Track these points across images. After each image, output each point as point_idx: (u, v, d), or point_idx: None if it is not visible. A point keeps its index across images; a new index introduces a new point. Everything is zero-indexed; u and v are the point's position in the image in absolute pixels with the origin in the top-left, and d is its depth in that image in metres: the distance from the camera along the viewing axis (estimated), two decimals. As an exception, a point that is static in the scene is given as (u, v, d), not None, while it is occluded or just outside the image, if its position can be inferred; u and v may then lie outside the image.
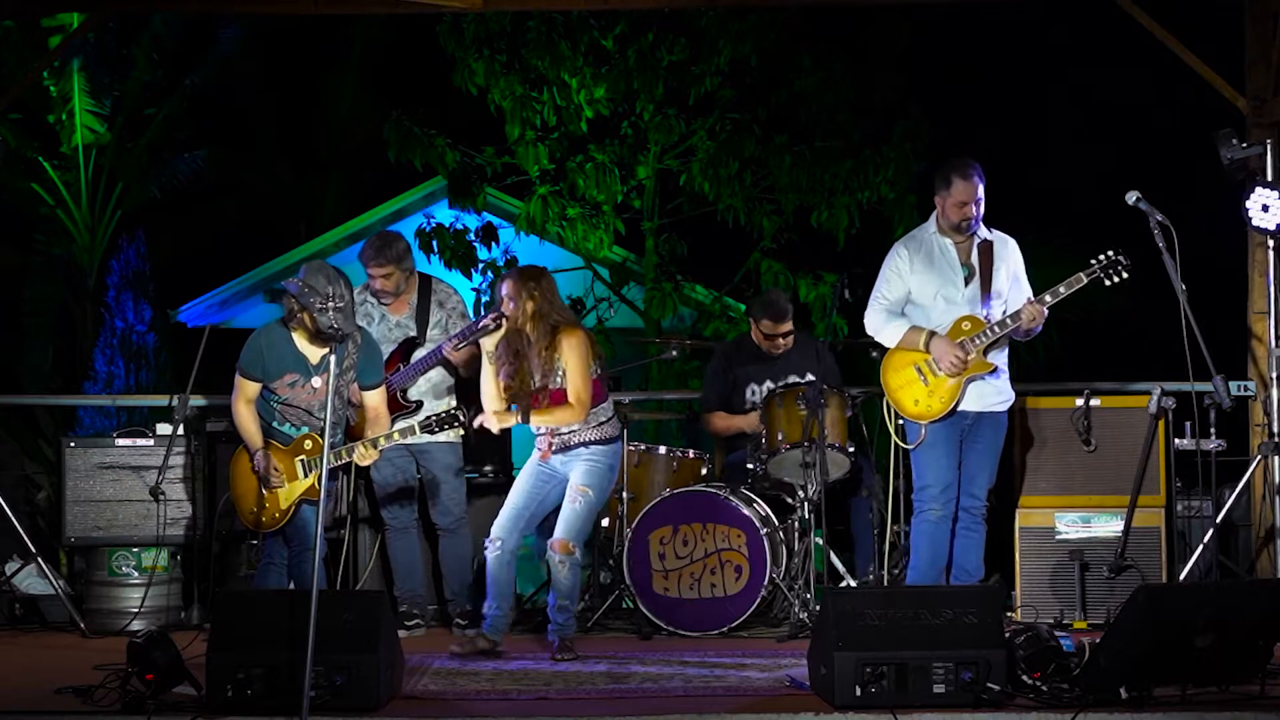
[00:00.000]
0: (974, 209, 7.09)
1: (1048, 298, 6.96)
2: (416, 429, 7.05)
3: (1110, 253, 6.94)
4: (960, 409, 7.06)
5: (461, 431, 7.64)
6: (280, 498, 7.09)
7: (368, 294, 7.79)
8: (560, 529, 6.93)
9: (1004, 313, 7.08)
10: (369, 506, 7.98)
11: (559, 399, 6.91)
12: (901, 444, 7.19)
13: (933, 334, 7.06)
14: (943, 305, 7.11)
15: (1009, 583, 7.84)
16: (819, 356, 8.19)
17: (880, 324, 7.20)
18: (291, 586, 7.06)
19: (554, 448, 7.00)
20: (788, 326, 8.32)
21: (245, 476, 7.20)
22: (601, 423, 7.00)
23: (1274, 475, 7.99)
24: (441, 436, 7.64)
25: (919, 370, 7.08)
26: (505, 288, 6.99)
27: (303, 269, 6.94)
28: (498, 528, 7.00)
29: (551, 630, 6.98)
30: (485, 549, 7.01)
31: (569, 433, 6.98)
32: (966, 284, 7.12)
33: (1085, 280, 6.92)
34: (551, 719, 5.60)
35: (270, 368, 7.11)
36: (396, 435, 7.08)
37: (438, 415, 7.03)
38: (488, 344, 7.02)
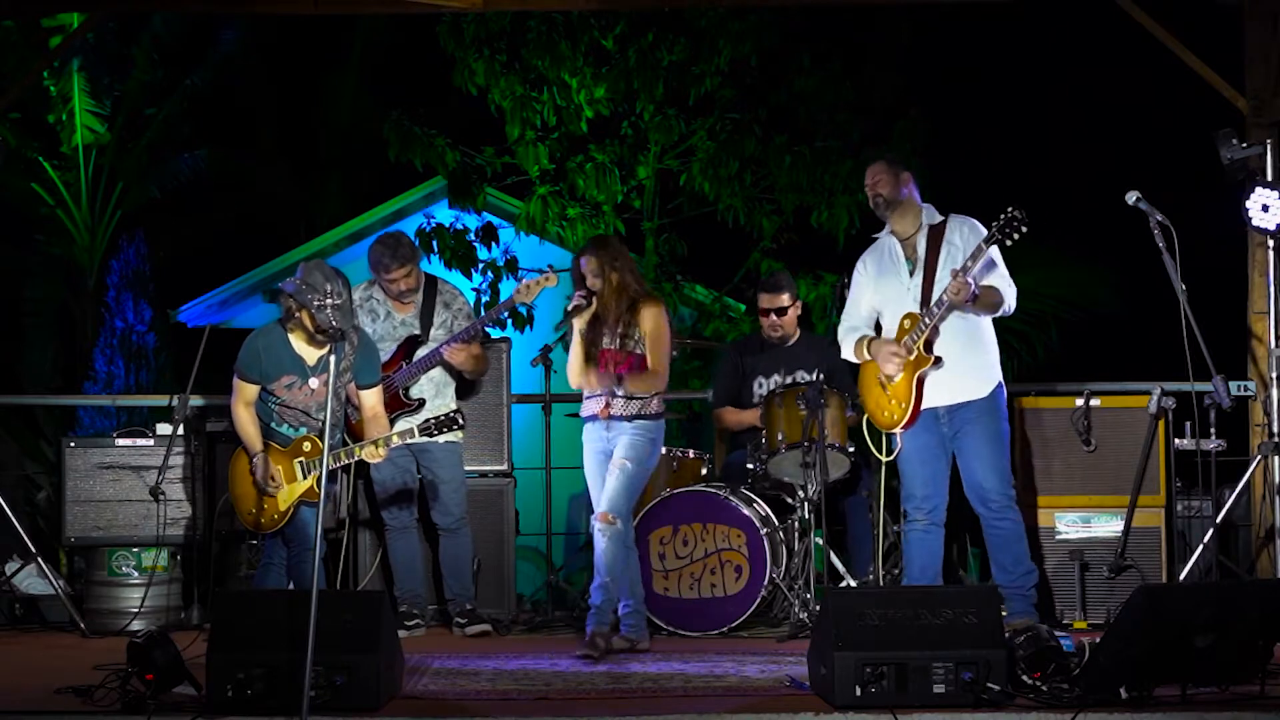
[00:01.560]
0: (872, 191, 7.06)
1: (960, 272, 6.71)
2: (416, 432, 7.05)
3: (1007, 211, 6.64)
4: (927, 407, 6.94)
5: (461, 433, 7.66)
6: (279, 500, 7.09)
7: (372, 291, 7.79)
8: (602, 501, 6.98)
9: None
10: (369, 507, 7.98)
11: (630, 364, 7.00)
12: (882, 456, 7.10)
13: (871, 340, 7.03)
14: (894, 305, 7.03)
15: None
16: (826, 354, 8.17)
17: (841, 343, 7.22)
18: (291, 587, 7.06)
19: (611, 409, 7.02)
20: (784, 301, 8.35)
21: (244, 478, 7.20)
22: (647, 398, 7.05)
23: (1274, 475, 7.99)
24: (442, 437, 7.65)
25: (880, 381, 7.02)
26: (587, 264, 7.05)
27: (300, 268, 6.94)
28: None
29: (590, 617, 6.98)
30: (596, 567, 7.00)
31: (622, 401, 7.01)
32: (911, 277, 7.01)
33: (986, 248, 6.70)
34: (551, 719, 5.60)
35: (268, 369, 7.11)
36: (396, 438, 7.08)
37: (436, 419, 7.03)
38: (579, 322, 7.06)
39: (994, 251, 6.93)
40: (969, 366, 6.98)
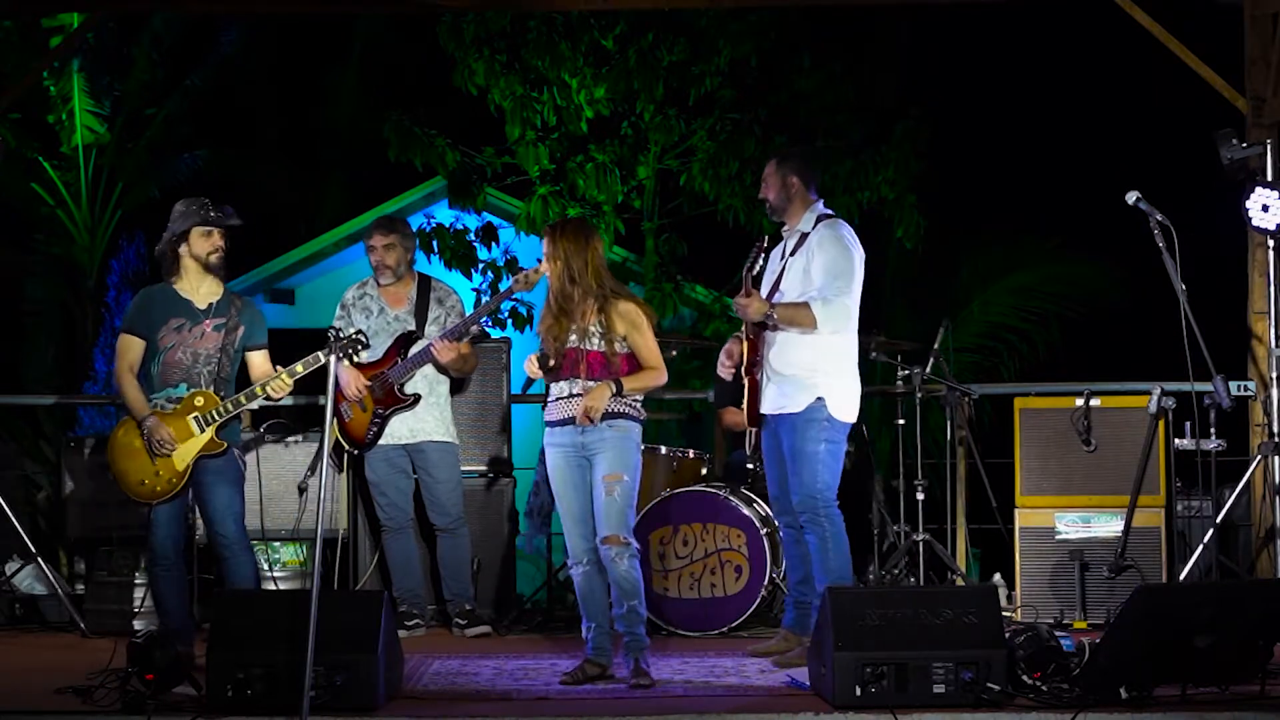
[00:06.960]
0: (763, 194, 6.94)
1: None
2: (321, 357, 6.62)
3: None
4: (762, 411, 6.78)
5: (455, 432, 7.68)
6: (175, 460, 6.73)
7: (365, 289, 7.80)
8: (605, 525, 6.21)
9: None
10: (365, 506, 7.97)
11: (603, 364, 6.28)
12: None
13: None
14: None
15: (1009, 583, 7.85)
16: None
17: None
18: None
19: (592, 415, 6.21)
20: None
21: (125, 448, 6.78)
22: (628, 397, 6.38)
23: (1274, 475, 7.99)
24: (438, 436, 7.64)
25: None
26: (555, 247, 6.36)
27: (173, 212, 7.19)
28: (575, 549, 6.31)
29: (623, 646, 6.24)
30: (571, 570, 6.36)
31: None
32: (779, 263, 6.91)
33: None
34: (551, 719, 5.60)
35: (156, 316, 6.93)
36: (304, 364, 6.77)
37: (348, 337, 6.55)
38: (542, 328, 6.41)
39: (818, 261, 6.66)
40: (784, 378, 6.71)
